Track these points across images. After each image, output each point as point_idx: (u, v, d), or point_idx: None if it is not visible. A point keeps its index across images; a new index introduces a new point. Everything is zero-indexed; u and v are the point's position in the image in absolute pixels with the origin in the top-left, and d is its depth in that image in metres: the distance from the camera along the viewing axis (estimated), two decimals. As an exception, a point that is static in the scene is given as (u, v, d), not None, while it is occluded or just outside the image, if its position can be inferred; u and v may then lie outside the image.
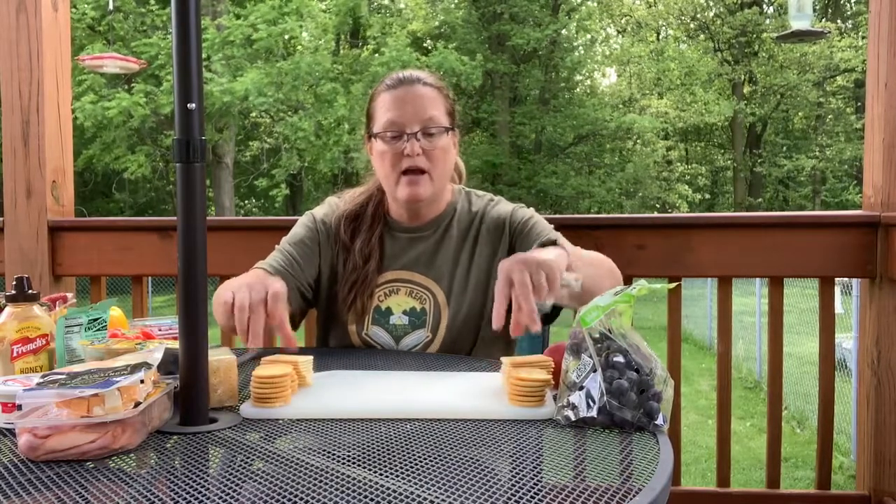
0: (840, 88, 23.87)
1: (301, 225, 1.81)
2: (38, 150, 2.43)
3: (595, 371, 1.07)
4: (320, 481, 0.85)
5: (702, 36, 25.70)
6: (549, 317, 1.65)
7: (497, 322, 1.18)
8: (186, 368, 1.05)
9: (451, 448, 0.97)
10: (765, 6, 24.94)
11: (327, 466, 0.90)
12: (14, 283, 1.27)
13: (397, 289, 1.71)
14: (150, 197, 20.17)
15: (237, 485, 0.85)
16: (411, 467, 0.89)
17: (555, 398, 1.12)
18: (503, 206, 1.78)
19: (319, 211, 1.83)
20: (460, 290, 1.70)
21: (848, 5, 25.26)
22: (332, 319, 1.76)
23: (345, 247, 1.75)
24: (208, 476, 0.89)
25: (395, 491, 0.81)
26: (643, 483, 0.86)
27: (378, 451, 0.95)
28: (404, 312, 1.70)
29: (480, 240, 1.73)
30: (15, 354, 1.23)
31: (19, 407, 0.94)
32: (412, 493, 0.81)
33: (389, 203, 1.77)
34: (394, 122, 1.64)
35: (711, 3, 25.17)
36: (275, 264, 1.72)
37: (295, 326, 1.81)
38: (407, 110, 1.64)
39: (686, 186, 22.57)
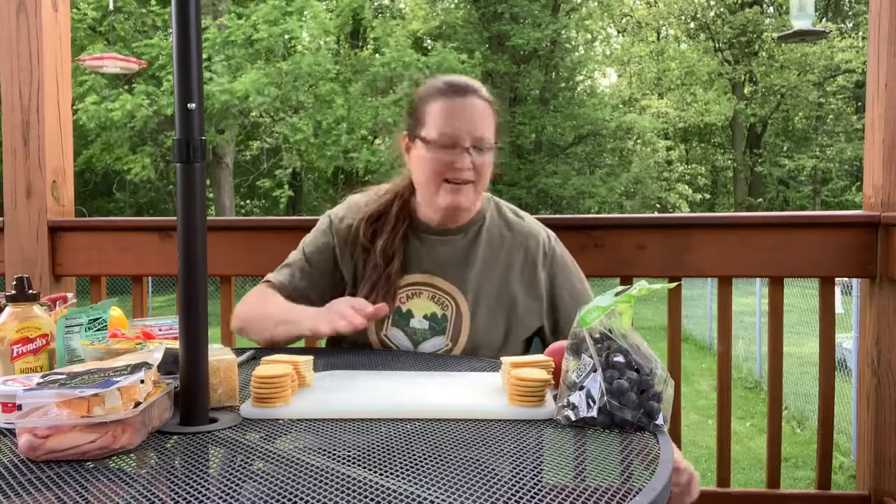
0: (840, 88, 23.86)
1: (319, 232, 1.80)
2: (38, 150, 2.43)
3: (595, 371, 1.07)
4: (320, 481, 0.85)
5: (702, 36, 25.71)
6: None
7: None
8: (186, 368, 1.05)
9: (452, 448, 0.97)
10: (765, 6, 24.94)
11: (327, 466, 0.90)
12: (14, 283, 1.27)
13: (420, 292, 1.69)
14: (150, 197, 20.16)
15: (237, 485, 0.85)
16: (411, 467, 0.89)
17: (555, 398, 1.12)
18: (534, 227, 1.78)
19: (339, 212, 1.80)
20: (488, 305, 1.68)
21: (848, 5, 25.25)
22: None
23: (365, 249, 1.73)
24: (208, 476, 0.89)
25: (395, 491, 0.81)
26: (643, 483, 0.86)
27: (378, 451, 0.95)
28: (425, 317, 1.68)
29: (514, 260, 1.72)
30: (15, 354, 1.23)
31: (19, 407, 0.94)
32: (412, 493, 0.81)
33: (420, 205, 1.75)
34: (448, 135, 1.62)
35: (712, 3, 25.17)
36: (284, 281, 1.75)
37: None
38: (462, 125, 1.63)
39: (686, 186, 22.56)
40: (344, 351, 1.70)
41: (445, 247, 1.72)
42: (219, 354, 1.18)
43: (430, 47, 21.50)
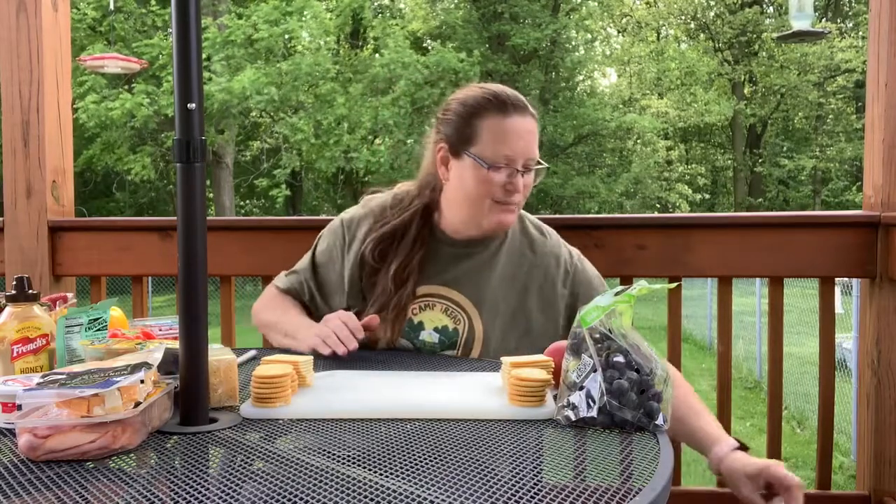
0: (840, 88, 23.86)
1: (329, 236, 1.75)
2: (38, 150, 2.43)
3: (595, 371, 1.07)
4: (320, 481, 0.85)
5: (702, 36, 25.71)
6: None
7: None
8: (186, 368, 1.05)
9: (452, 448, 0.97)
10: (765, 6, 24.94)
11: (327, 466, 0.90)
12: (14, 283, 1.27)
13: (433, 304, 1.65)
14: (150, 197, 20.17)
15: (237, 485, 0.85)
16: (411, 467, 0.89)
17: (555, 398, 1.12)
18: (557, 245, 1.72)
19: (354, 217, 1.73)
20: (502, 324, 1.64)
21: (848, 5, 25.25)
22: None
23: (374, 270, 1.66)
24: (208, 476, 0.89)
25: (395, 491, 0.81)
26: (643, 483, 0.86)
27: (378, 451, 0.95)
28: (435, 329, 1.64)
29: (532, 280, 1.66)
30: (15, 354, 1.23)
31: (19, 407, 0.94)
32: (412, 493, 0.81)
33: (445, 218, 1.68)
34: (509, 157, 1.57)
35: (712, 3, 25.17)
36: (291, 290, 1.78)
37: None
38: (520, 146, 1.58)
39: (686, 186, 22.56)
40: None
41: (463, 260, 1.66)
42: (219, 354, 1.18)
43: (429, 47, 21.50)
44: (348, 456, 0.94)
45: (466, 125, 1.60)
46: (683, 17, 25.55)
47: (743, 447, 1.37)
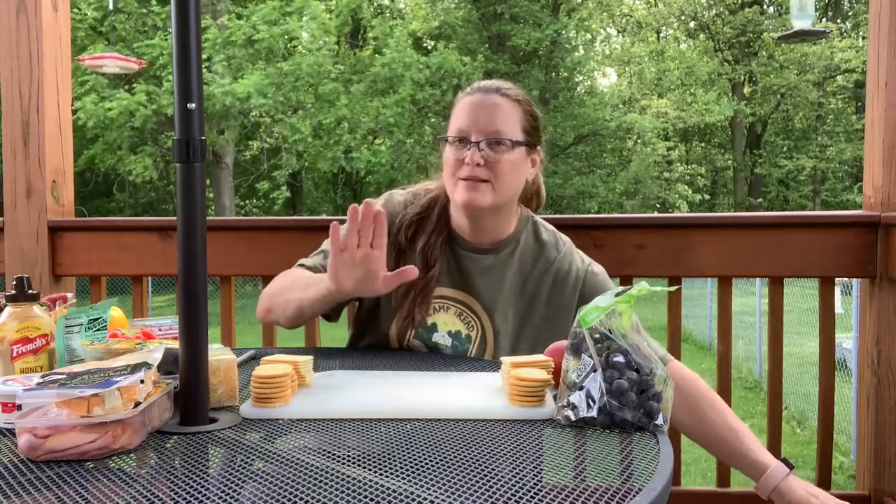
0: (840, 88, 23.87)
1: None
2: (38, 150, 2.43)
3: (595, 371, 1.07)
4: (320, 481, 0.85)
5: (702, 36, 25.73)
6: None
7: None
8: (186, 368, 1.05)
9: (451, 448, 0.97)
10: (765, 6, 24.95)
11: (327, 466, 0.90)
12: (14, 283, 1.27)
13: (447, 307, 1.64)
14: (150, 197, 20.18)
15: (237, 485, 0.85)
16: (411, 467, 0.89)
17: (555, 398, 1.12)
18: (569, 252, 1.69)
19: (378, 203, 1.69)
20: (513, 333, 1.63)
21: (848, 5, 25.26)
22: (373, 318, 1.69)
23: (402, 250, 1.66)
24: (208, 476, 0.89)
25: (395, 491, 0.81)
26: (643, 483, 0.86)
27: (378, 451, 0.95)
28: (449, 333, 1.63)
29: (542, 288, 1.65)
30: (15, 354, 1.23)
31: (19, 407, 0.94)
32: (412, 493, 0.81)
33: (452, 212, 1.69)
34: (461, 128, 1.59)
35: (711, 3, 25.18)
36: (317, 266, 1.68)
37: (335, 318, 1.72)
38: (476, 118, 1.58)
39: (686, 186, 22.58)
40: (343, 351, 1.70)
41: (478, 265, 1.65)
42: (219, 354, 1.18)
43: (429, 47, 21.50)
44: (348, 456, 0.94)
45: (449, 115, 1.67)
46: (683, 17, 25.56)
47: (789, 466, 1.47)
